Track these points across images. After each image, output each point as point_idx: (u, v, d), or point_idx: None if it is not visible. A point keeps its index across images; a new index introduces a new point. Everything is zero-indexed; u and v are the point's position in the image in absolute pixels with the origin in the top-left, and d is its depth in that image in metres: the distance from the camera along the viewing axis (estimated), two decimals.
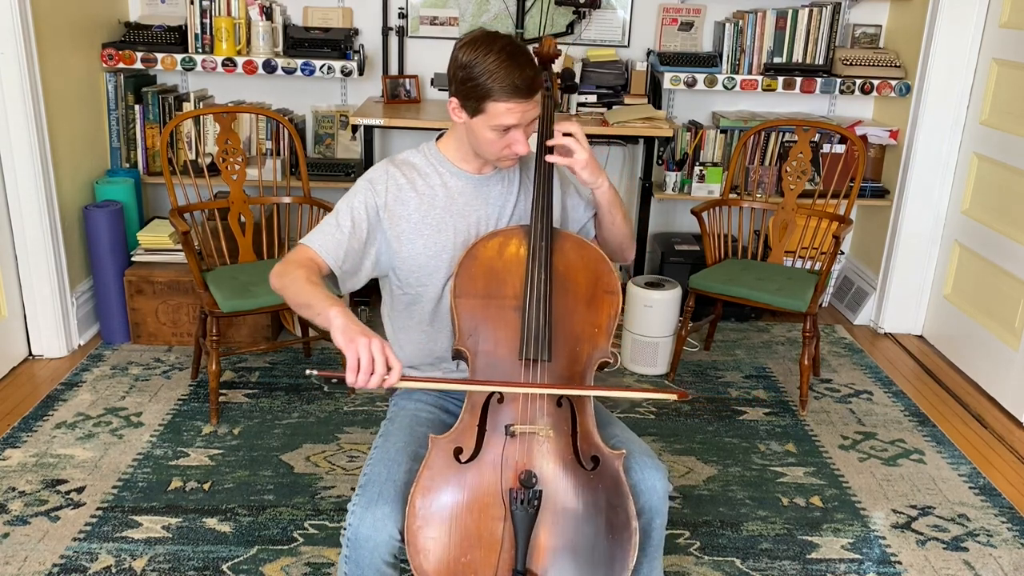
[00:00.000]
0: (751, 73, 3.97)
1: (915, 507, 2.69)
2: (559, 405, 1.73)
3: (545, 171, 1.87)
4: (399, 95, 3.95)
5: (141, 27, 3.80)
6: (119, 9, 3.94)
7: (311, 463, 2.80)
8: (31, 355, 3.47)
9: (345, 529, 1.67)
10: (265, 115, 3.56)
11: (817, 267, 3.48)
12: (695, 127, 4.03)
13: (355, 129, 4.07)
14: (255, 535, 2.44)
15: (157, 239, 3.60)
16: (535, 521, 1.63)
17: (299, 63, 3.77)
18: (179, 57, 3.76)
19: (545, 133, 1.92)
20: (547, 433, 1.69)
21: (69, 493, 2.60)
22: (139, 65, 3.77)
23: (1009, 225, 3.39)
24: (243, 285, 2.98)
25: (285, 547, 2.40)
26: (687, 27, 4.08)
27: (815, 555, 2.45)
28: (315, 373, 1.59)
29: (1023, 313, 3.28)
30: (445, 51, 2.82)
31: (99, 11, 3.75)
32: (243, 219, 3.25)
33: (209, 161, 3.81)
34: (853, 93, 3.92)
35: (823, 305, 4.33)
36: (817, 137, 3.93)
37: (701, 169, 3.97)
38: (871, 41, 4.12)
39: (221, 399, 3.15)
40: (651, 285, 3.50)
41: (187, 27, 3.80)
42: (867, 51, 4.01)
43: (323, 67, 3.78)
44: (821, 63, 3.97)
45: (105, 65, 3.75)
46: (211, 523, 2.49)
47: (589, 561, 1.65)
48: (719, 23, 4.00)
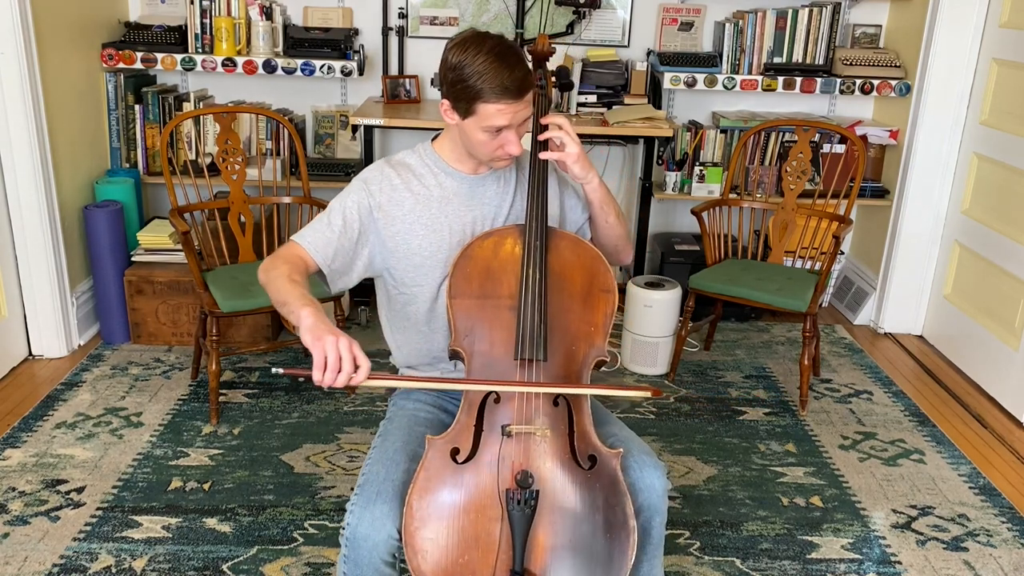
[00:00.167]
0: (751, 73, 3.97)
1: (915, 507, 2.69)
2: (555, 404, 1.73)
3: (540, 170, 1.86)
4: (399, 95, 3.95)
5: (141, 27, 3.80)
6: (119, 9, 3.94)
7: (311, 463, 2.80)
8: (31, 355, 3.47)
9: (344, 529, 1.67)
10: (265, 115, 3.56)
11: (817, 267, 3.48)
12: (695, 127, 4.03)
13: (355, 129, 4.07)
14: (255, 535, 2.44)
15: (157, 239, 3.60)
16: (532, 521, 1.63)
17: (299, 63, 3.77)
18: (179, 57, 3.76)
19: (538, 133, 1.91)
20: (544, 433, 1.69)
21: (69, 493, 2.60)
22: (139, 65, 3.77)
23: (1009, 225, 3.39)
24: (243, 285, 2.98)
25: (285, 547, 2.40)
26: (687, 27, 4.08)
27: (815, 555, 2.45)
28: (281, 371, 1.59)
29: (1023, 313, 3.28)
30: None
31: (99, 11, 3.76)
32: (243, 219, 3.25)
33: (209, 161, 3.81)
34: (853, 93, 3.92)
35: (823, 305, 4.33)
36: (817, 137, 3.93)
37: (701, 169, 3.97)
38: (871, 41, 4.12)
39: (221, 399, 3.15)
40: (651, 285, 3.50)
41: (187, 27, 3.80)
42: (867, 51, 4.01)
43: (323, 67, 3.78)
44: (821, 63, 3.97)
45: (105, 65, 3.75)
46: (211, 523, 2.49)
47: (587, 560, 1.65)
48: (719, 23, 4.00)
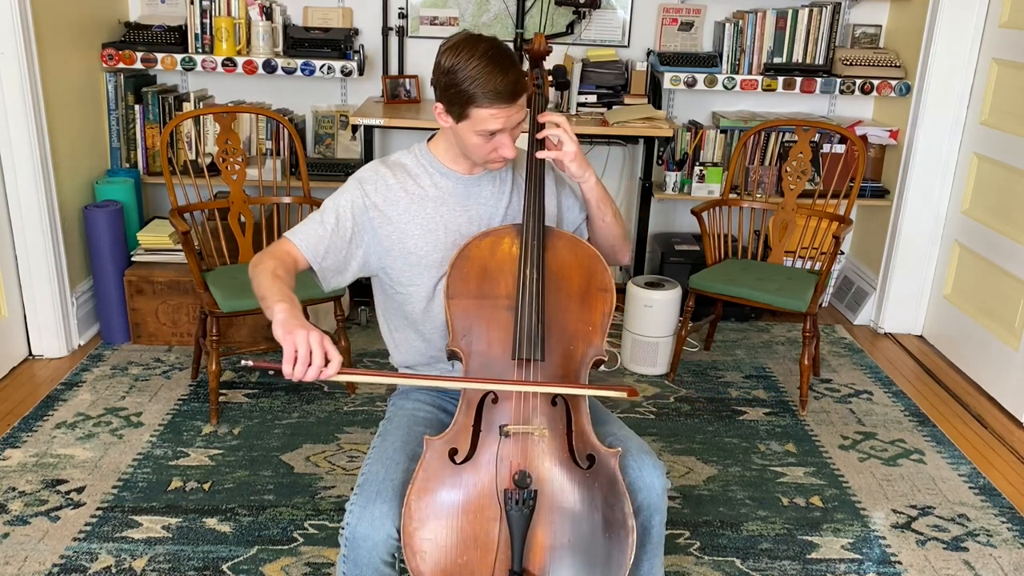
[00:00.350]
0: (751, 73, 3.97)
1: (915, 507, 2.69)
2: (554, 404, 1.73)
3: (537, 170, 1.85)
4: (399, 95, 3.95)
5: (141, 27, 3.80)
6: (119, 9, 3.94)
7: (311, 463, 2.80)
8: (31, 355, 3.47)
9: (343, 529, 1.67)
10: (265, 115, 3.56)
11: (817, 267, 3.48)
12: (695, 127, 4.03)
13: (355, 129, 4.07)
14: (255, 535, 2.44)
15: (157, 239, 3.60)
16: (531, 521, 1.63)
17: (299, 63, 3.77)
18: (179, 57, 3.76)
19: (535, 132, 1.90)
20: (542, 432, 1.69)
21: (69, 493, 2.60)
22: (139, 65, 3.77)
23: (1009, 225, 3.39)
24: (243, 285, 2.98)
25: (285, 547, 2.40)
26: (687, 27, 4.08)
27: (815, 555, 2.45)
28: (251, 362, 1.60)
29: (1023, 313, 3.28)
30: None
31: (99, 11, 3.76)
32: (243, 219, 3.25)
33: (209, 161, 3.81)
34: (853, 93, 3.92)
35: (823, 305, 4.33)
36: (817, 137, 3.93)
37: (701, 169, 3.97)
38: (871, 41, 4.12)
39: (221, 399, 3.15)
40: (651, 285, 3.50)
41: (187, 27, 3.80)
42: (867, 51, 4.01)
43: (323, 67, 3.78)
44: (821, 63, 3.97)
45: (105, 65, 3.75)
46: (211, 523, 2.49)
47: (586, 560, 1.65)
48: (719, 23, 4.00)
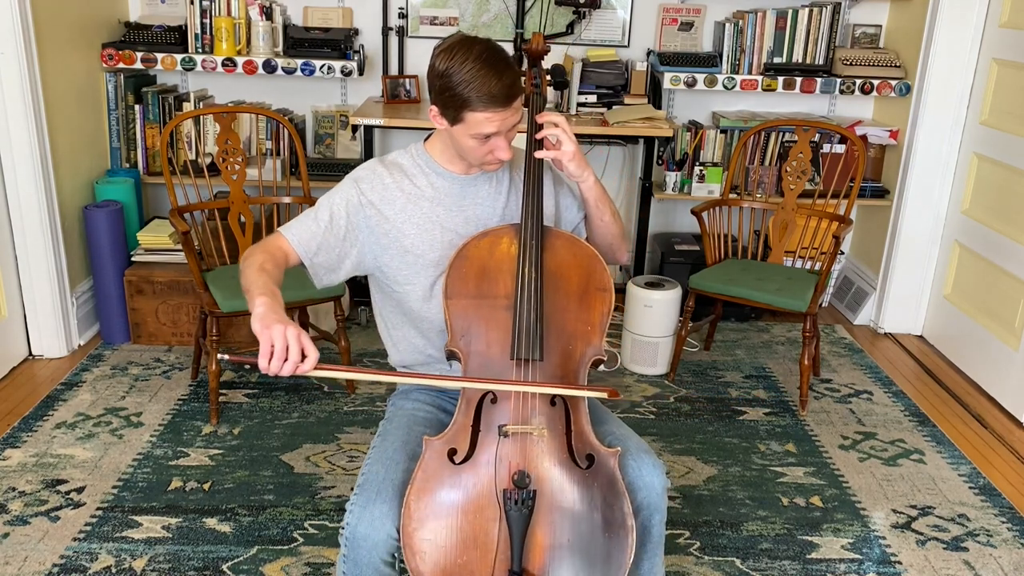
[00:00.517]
0: (751, 73, 3.97)
1: (915, 507, 2.69)
2: (553, 404, 1.73)
3: (535, 169, 1.85)
4: (399, 95, 3.95)
5: (141, 27, 3.80)
6: (119, 9, 3.94)
7: (311, 463, 2.80)
8: (31, 355, 3.47)
9: (343, 528, 1.67)
10: (265, 115, 3.56)
11: (817, 267, 3.48)
12: (695, 127, 4.03)
13: (355, 129, 4.07)
14: (255, 535, 2.44)
15: (157, 239, 3.60)
16: (530, 521, 1.63)
17: (299, 63, 3.77)
18: (179, 57, 3.76)
19: (534, 131, 1.90)
20: (541, 432, 1.69)
21: (69, 493, 2.60)
22: (139, 65, 3.77)
23: (1009, 225, 3.39)
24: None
25: (285, 547, 2.40)
26: (687, 27, 4.08)
27: (815, 555, 2.45)
28: (227, 358, 1.61)
29: (1023, 313, 3.28)
30: None
31: (99, 11, 3.76)
32: (243, 219, 3.25)
33: (209, 161, 3.81)
34: (853, 93, 3.92)
35: (823, 305, 4.33)
36: (817, 137, 3.93)
37: (701, 169, 3.97)
38: (871, 41, 4.12)
39: (221, 399, 3.15)
40: (651, 285, 3.50)
41: (187, 27, 3.80)
42: (867, 51, 4.01)
43: (323, 67, 3.78)
44: (821, 63, 3.97)
45: (105, 65, 3.75)
46: (211, 523, 2.49)
47: (586, 560, 1.65)
48: (719, 23, 4.00)
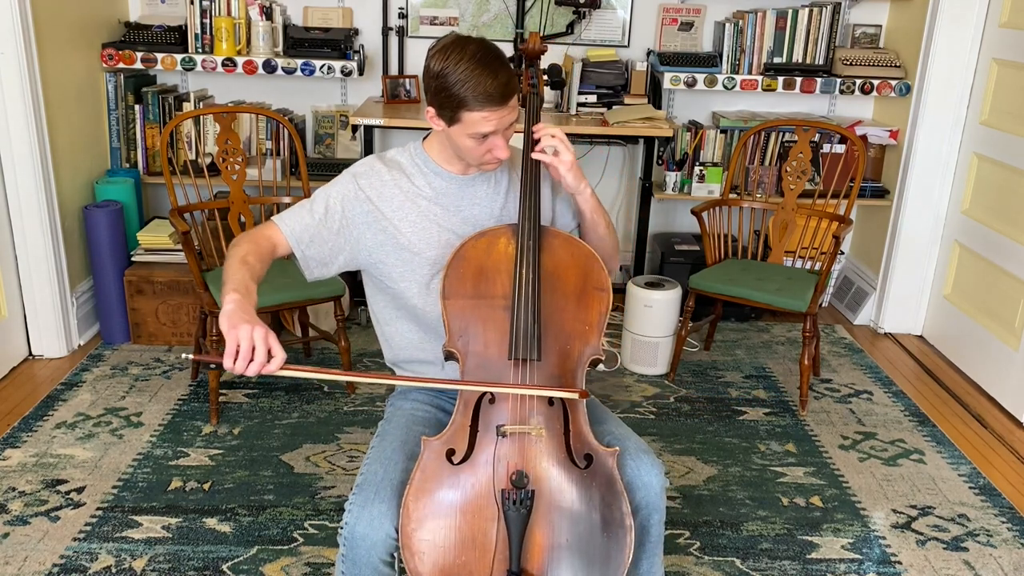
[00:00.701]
0: (751, 73, 3.97)
1: (915, 507, 2.69)
2: (551, 404, 1.73)
3: (533, 169, 1.85)
4: (399, 95, 3.95)
5: (141, 27, 3.81)
6: (119, 9, 3.94)
7: (311, 463, 2.80)
8: (31, 355, 3.47)
9: (342, 528, 1.67)
10: (265, 115, 3.56)
11: (817, 267, 3.48)
12: (695, 127, 4.03)
13: (355, 129, 4.07)
14: (255, 535, 2.44)
15: (157, 239, 3.60)
16: (528, 521, 1.63)
17: (299, 63, 3.77)
18: (179, 57, 3.77)
19: (531, 140, 1.90)
20: (539, 432, 1.69)
21: (69, 493, 2.60)
22: (139, 65, 3.77)
23: (1009, 225, 3.39)
24: None
25: (285, 547, 2.40)
26: (687, 27, 4.08)
27: (815, 555, 2.45)
28: (190, 356, 1.61)
29: (1023, 313, 3.28)
30: None
31: (99, 11, 3.76)
32: (243, 219, 3.25)
33: (209, 161, 3.81)
34: (853, 93, 3.92)
35: (823, 305, 4.32)
36: (817, 137, 3.93)
37: (701, 169, 3.97)
38: (871, 41, 4.12)
39: (221, 399, 3.15)
40: (651, 285, 3.50)
41: (187, 27, 3.80)
42: (867, 51, 4.01)
43: (323, 67, 3.78)
44: (821, 63, 3.97)
45: (105, 65, 3.76)
46: (211, 523, 2.49)
47: (585, 559, 1.65)
48: (719, 23, 4.00)
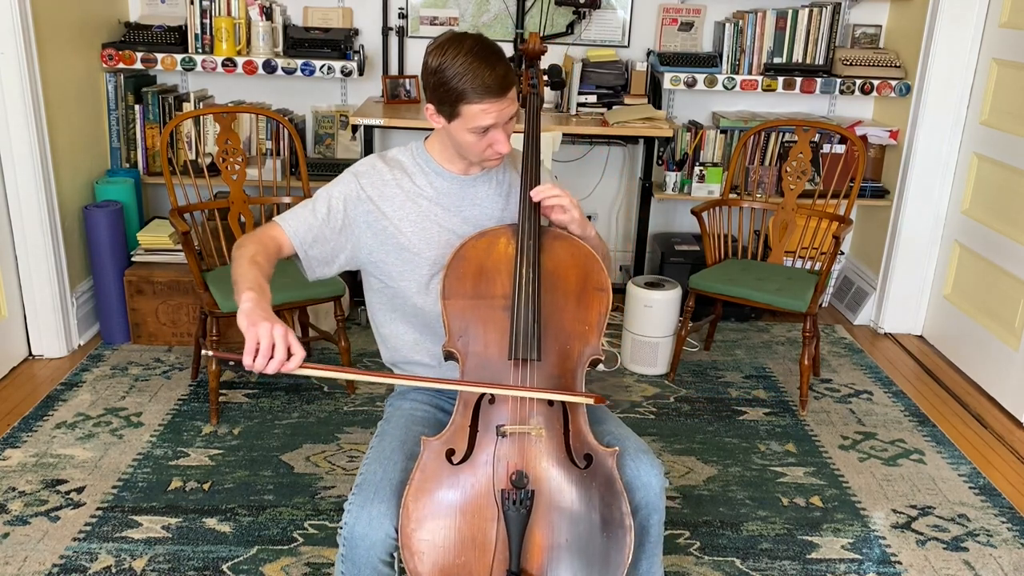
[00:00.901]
0: (751, 73, 3.97)
1: (915, 507, 2.69)
2: (551, 404, 1.73)
3: (533, 172, 1.85)
4: (399, 95, 3.95)
5: (141, 27, 3.81)
6: (119, 9, 3.94)
7: (311, 463, 2.80)
8: (31, 355, 3.48)
9: (342, 528, 1.67)
10: (265, 115, 3.56)
11: (817, 267, 3.48)
12: (695, 127, 4.03)
13: (355, 129, 4.07)
14: (255, 535, 2.44)
15: (157, 239, 3.60)
16: (528, 521, 1.63)
17: (299, 63, 3.77)
18: (179, 57, 3.77)
19: (533, 131, 1.89)
20: (539, 432, 1.69)
21: (69, 493, 2.60)
22: (139, 65, 3.77)
23: (1009, 225, 3.39)
24: None
25: (285, 547, 2.40)
26: (687, 27, 4.08)
27: (815, 555, 2.45)
28: (211, 354, 1.60)
29: (1023, 313, 3.28)
30: None
31: (99, 11, 3.76)
32: (243, 219, 3.25)
33: (209, 161, 3.81)
34: (853, 93, 3.92)
35: (823, 305, 4.32)
36: (817, 137, 3.93)
37: (701, 169, 3.97)
38: (871, 41, 4.12)
39: (221, 399, 3.15)
40: (651, 285, 3.50)
41: (187, 27, 3.81)
42: (867, 51, 4.01)
43: (323, 67, 3.78)
44: (821, 63, 3.97)
45: (105, 65, 3.76)
46: (211, 523, 2.49)
47: (584, 560, 1.65)
48: (719, 23, 4.00)
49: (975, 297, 3.61)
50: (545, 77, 2.02)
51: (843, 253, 4.35)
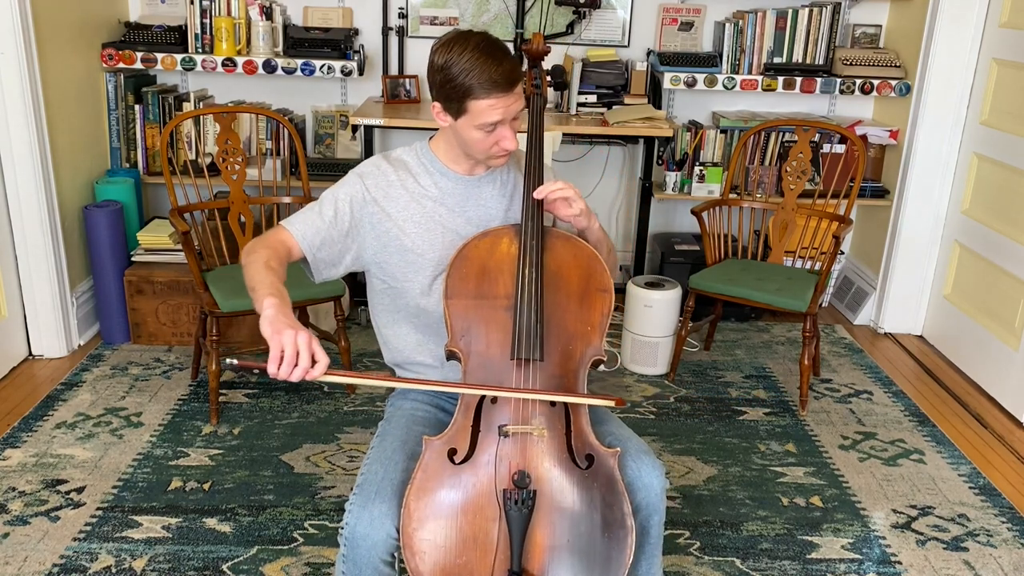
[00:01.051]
0: (751, 73, 3.97)
1: (915, 507, 2.69)
2: (552, 405, 1.73)
3: (536, 172, 1.85)
4: (399, 95, 3.95)
5: (141, 27, 3.80)
6: (119, 9, 3.94)
7: (311, 463, 2.80)
8: (31, 355, 3.47)
9: (343, 528, 1.67)
10: (265, 115, 3.56)
11: (817, 267, 3.48)
12: (695, 127, 4.03)
13: (355, 129, 4.07)
14: (255, 535, 2.44)
15: (157, 239, 3.60)
16: (529, 521, 1.63)
17: (299, 63, 3.77)
18: (179, 57, 3.76)
19: (537, 131, 1.90)
20: (541, 432, 1.69)
21: (69, 493, 2.60)
22: (139, 65, 3.77)
23: (1009, 225, 3.39)
24: (243, 285, 2.96)
25: (285, 547, 2.40)
26: (687, 27, 4.08)
27: (815, 555, 2.45)
28: (235, 362, 1.57)
29: (1023, 313, 3.28)
30: None
31: (99, 11, 3.76)
32: (243, 219, 3.25)
33: (209, 161, 3.81)
34: (853, 93, 3.92)
35: (823, 305, 4.33)
36: (817, 137, 3.93)
37: (701, 169, 3.97)
38: (871, 41, 4.12)
39: (221, 399, 3.15)
40: (651, 285, 3.50)
41: (187, 27, 3.80)
42: (867, 51, 4.01)
43: (323, 67, 3.78)
44: (821, 63, 3.97)
45: (105, 65, 3.75)
46: (211, 523, 2.49)
47: (585, 560, 1.65)
48: (719, 23, 4.00)
49: (975, 297, 3.61)
50: (548, 78, 2.02)
51: (843, 253, 4.35)
